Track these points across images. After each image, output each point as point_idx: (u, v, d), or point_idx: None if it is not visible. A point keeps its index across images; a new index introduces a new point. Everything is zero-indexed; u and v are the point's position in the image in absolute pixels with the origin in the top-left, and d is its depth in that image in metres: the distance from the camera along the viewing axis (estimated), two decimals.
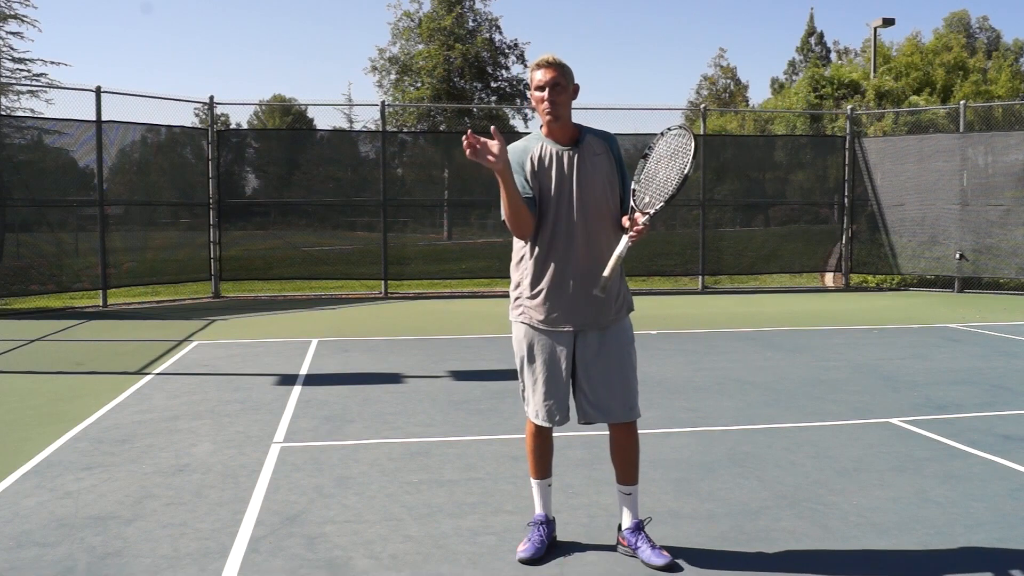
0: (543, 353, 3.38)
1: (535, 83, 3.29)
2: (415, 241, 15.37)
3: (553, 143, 3.35)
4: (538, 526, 3.52)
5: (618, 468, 3.48)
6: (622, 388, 3.35)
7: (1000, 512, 3.97)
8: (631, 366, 3.41)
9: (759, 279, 16.51)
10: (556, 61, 3.28)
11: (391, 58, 29.17)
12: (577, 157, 3.32)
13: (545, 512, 3.57)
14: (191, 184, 14.11)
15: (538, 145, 3.36)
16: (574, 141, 3.35)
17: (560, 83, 3.26)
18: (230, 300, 13.60)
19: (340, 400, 6.25)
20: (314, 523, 3.83)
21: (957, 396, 6.44)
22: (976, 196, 14.19)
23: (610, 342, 3.36)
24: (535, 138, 3.40)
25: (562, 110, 3.29)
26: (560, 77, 3.26)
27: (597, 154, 3.35)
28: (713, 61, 54.07)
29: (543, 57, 3.29)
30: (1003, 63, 29.29)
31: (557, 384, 3.38)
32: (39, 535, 3.69)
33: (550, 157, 3.33)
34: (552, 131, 3.35)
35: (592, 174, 3.32)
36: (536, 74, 3.29)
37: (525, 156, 3.35)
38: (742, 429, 5.46)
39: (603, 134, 3.43)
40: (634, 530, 3.45)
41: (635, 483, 3.47)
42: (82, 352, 8.61)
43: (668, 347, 8.69)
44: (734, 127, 27.81)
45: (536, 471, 3.57)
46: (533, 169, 3.33)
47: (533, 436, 3.52)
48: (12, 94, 27.23)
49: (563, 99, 3.28)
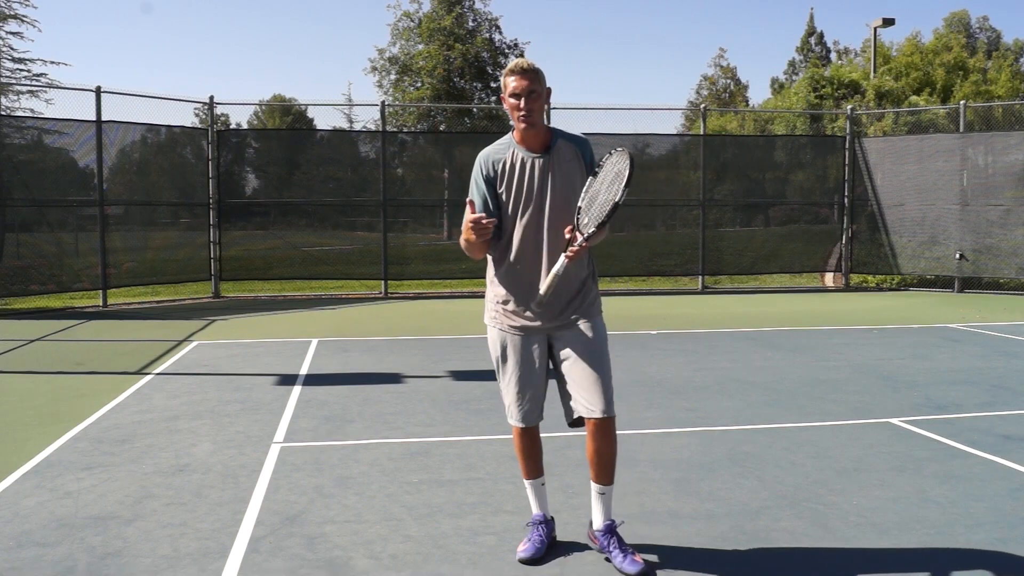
0: (515, 355, 3.40)
1: (509, 90, 3.27)
2: (415, 241, 15.37)
3: (524, 150, 3.34)
4: (537, 526, 3.52)
5: (594, 467, 3.41)
6: (601, 384, 3.32)
7: (1000, 512, 3.97)
8: (607, 363, 3.39)
9: (759, 279, 16.51)
10: (531, 67, 3.26)
11: (391, 58, 29.17)
12: (547, 165, 3.31)
13: (542, 511, 3.57)
14: (191, 184, 14.12)
15: (509, 152, 3.35)
16: (545, 147, 3.34)
17: (536, 90, 3.25)
18: (230, 300, 13.60)
19: (340, 400, 6.25)
20: (314, 523, 3.83)
21: (957, 396, 6.44)
22: (976, 196, 14.19)
23: (586, 340, 3.35)
24: (506, 145, 3.39)
25: (537, 117, 3.27)
26: (535, 84, 3.25)
27: (568, 160, 3.34)
28: (713, 61, 54.12)
29: (517, 63, 3.27)
30: (1003, 63, 29.30)
31: (530, 385, 3.40)
32: (39, 535, 3.69)
33: (520, 164, 3.32)
34: (525, 137, 3.33)
35: (561, 182, 3.31)
36: (510, 80, 3.26)
37: (492, 164, 3.35)
38: (742, 429, 5.46)
39: (576, 139, 3.41)
40: (606, 532, 3.41)
41: (611, 483, 3.42)
42: (82, 352, 8.61)
43: (668, 347, 8.69)
44: (734, 127, 27.80)
45: (526, 471, 3.57)
46: (501, 177, 3.33)
47: (519, 437, 3.53)
48: (12, 94, 27.25)
49: (538, 106, 3.27)
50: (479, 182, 3.37)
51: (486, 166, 3.36)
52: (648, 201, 15.60)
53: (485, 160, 3.37)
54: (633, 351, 8.39)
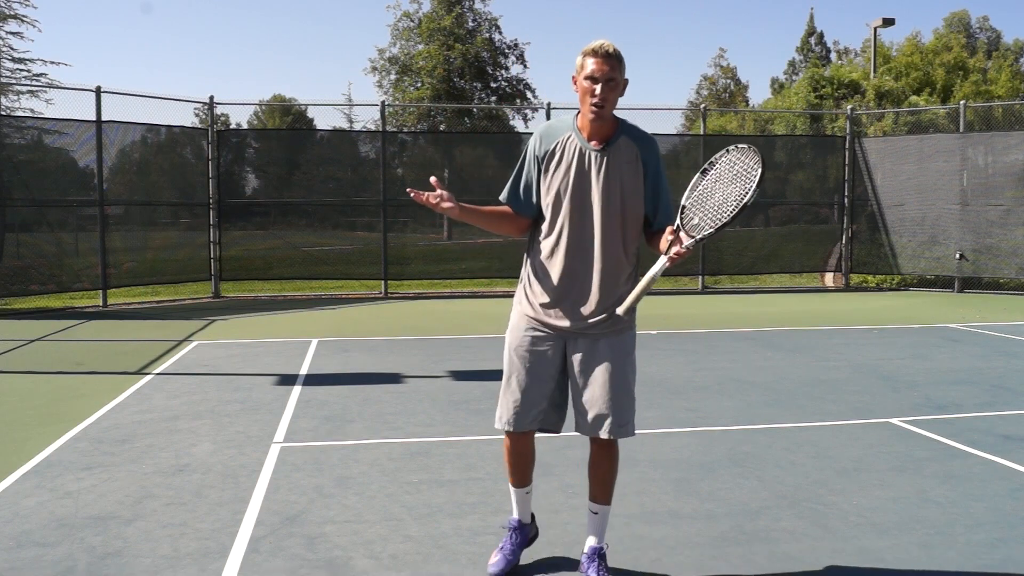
0: (529, 349, 3.13)
1: (586, 72, 2.94)
2: (415, 241, 15.38)
3: (583, 139, 3.05)
4: (512, 531, 3.36)
5: (593, 484, 3.23)
6: (615, 403, 3.07)
7: (1000, 512, 3.97)
8: (629, 381, 3.12)
9: (759, 279, 16.51)
10: (615, 52, 2.93)
11: (391, 58, 29.20)
12: (603, 160, 3.03)
13: (520, 517, 3.38)
14: (191, 184, 14.11)
15: (566, 136, 3.08)
16: (606, 141, 3.04)
17: (615, 78, 2.94)
18: (230, 300, 13.60)
19: (340, 400, 6.25)
20: (314, 523, 3.83)
21: (957, 396, 6.44)
22: (976, 196, 14.19)
23: (607, 353, 3.09)
24: (566, 126, 3.10)
25: (610, 108, 2.97)
26: (616, 72, 2.94)
27: (626, 161, 3.04)
28: (713, 61, 54.14)
29: (601, 45, 2.93)
30: (1003, 63, 29.32)
31: (532, 386, 3.13)
32: (39, 535, 3.69)
33: (575, 153, 3.05)
34: (589, 126, 3.03)
35: (614, 182, 3.03)
36: (589, 62, 2.94)
37: (542, 145, 3.10)
38: (742, 429, 5.46)
39: (642, 138, 3.09)
40: (592, 556, 3.20)
41: (607, 503, 3.23)
42: (82, 352, 8.61)
43: (668, 347, 8.69)
44: (734, 127, 27.81)
45: (512, 478, 3.34)
46: (551, 159, 3.08)
47: (508, 443, 3.26)
48: (12, 94, 27.23)
49: (613, 96, 2.96)
50: (531, 157, 3.12)
51: (543, 143, 3.10)
52: None
53: (543, 137, 3.11)
54: None
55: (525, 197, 3.17)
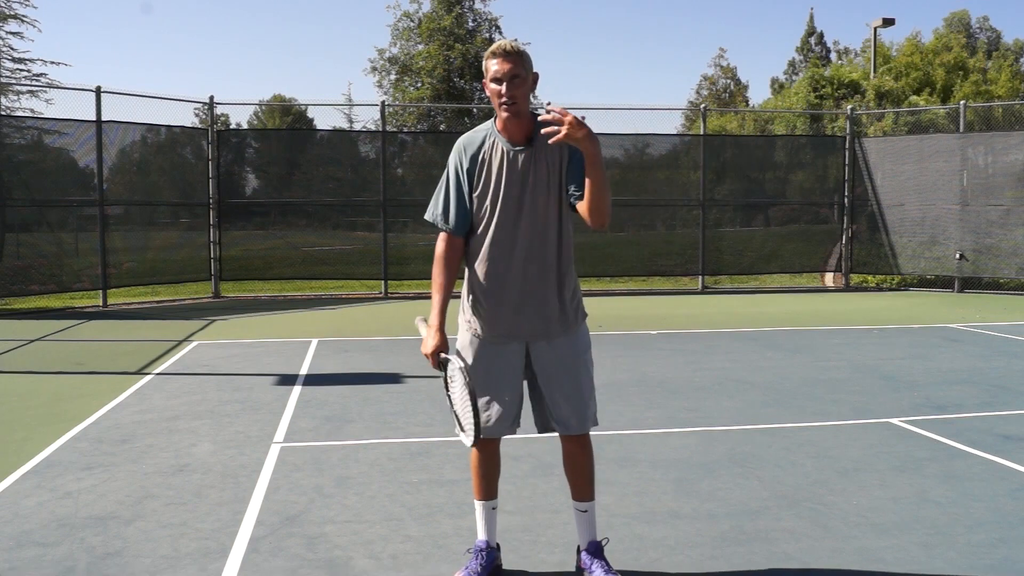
0: (484, 362, 3.11)
1: (491, 74, 2.92)
2: (415, 241, 15.36)
3: (505, 141, 3.02)
4: (478, 553, 3.23)
5: (572, 483, 3.23)
6: (576, 399, 3.09)
7: (1000, 512, 3.97)
8: (587, 375, 3.14)
9: (759, 279, 16.51)
10: (514, 49, 2.93)
11: (391, 58, 29.20)
12: (529, 159, 3.01)
13: (488, 538, 3.27)
14: (191, 184, 14.11)
15: (489, 142, 3.05)
16: (528, 138, 3.00)
17: (519, 75, 2.91)
18: (230, 300, 13.60)
19: (340, 400, 6.25)
20: (314, 523, 3.83)
21: (957, 396, 6.44)
22: (976, 196, 14.19)
23: (562, 351, 3.10)
24: (486, 133, 3.07)
25: (521, 104, 2.94)
26: (519, 68, 2.91)
27: (552, 151, 3.00)
28: (713, 61, 54.16)
29: (499, 45, 2.95)
30: (1003, 63, 29.31)
31: (494, 395, 3.10)
32: (39, 535, 3.69)
33: (500, 157, 3.02)
34: (507, 127, 3.00)
35: (543, 177, 3.01)
36: (491, 64, 2.93)
37: (467, 157, 3.06)
38: (742, 429, 5.46)
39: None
40: (591, 552, 3.19)
41: (591, 499, 3.22)
42: (82, 352, 8.61)
43: (668, 347, 8.69)
44: (734, 127, 27.79)
45: (478, 490, 3.25)
46: (480, 169, 3.04)
47: (475, 451, 3.20)
48: (12, 94, 27.25)
49: (522, 92, 2.93)
50: (457, 173, 3.07)
51: (465, 155, 3.06)
52: (648, 201, 15.63)
53: (466, 148, 3.06)
54: (633, 351, 8.39)
55: (461, 216, 3.09)
